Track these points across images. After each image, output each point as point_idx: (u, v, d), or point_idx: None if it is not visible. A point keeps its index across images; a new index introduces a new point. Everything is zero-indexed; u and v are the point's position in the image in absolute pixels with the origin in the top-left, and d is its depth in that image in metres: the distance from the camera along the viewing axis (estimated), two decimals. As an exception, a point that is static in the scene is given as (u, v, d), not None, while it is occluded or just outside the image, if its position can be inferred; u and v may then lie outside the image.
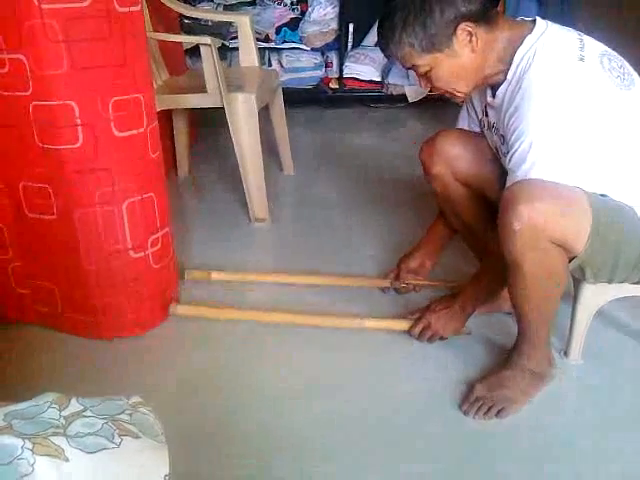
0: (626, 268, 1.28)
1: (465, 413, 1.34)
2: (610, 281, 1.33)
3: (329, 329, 1.63)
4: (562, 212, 1.18)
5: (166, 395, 1.41)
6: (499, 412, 1.33)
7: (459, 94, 1.36)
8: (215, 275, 1.84)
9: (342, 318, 1.64)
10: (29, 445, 0.60)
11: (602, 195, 1.24)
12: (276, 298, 1.79)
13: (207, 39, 2.06)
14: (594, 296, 1.40)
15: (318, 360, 1.54)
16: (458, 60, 1.29)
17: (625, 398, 1.40)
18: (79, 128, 1.38)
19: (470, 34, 1.26)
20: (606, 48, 1.28)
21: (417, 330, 1.53)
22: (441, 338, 1.53)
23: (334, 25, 3.75)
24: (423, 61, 1.30)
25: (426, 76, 1.34)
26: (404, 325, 1.58)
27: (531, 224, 1.16)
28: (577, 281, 1.40)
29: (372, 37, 3.75)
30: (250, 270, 1.94)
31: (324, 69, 3.87)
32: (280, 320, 1.65)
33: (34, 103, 1.35)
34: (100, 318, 1.58)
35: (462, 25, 1.25)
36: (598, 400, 1.40)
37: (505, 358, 1.43)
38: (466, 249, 1.73)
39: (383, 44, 1.33)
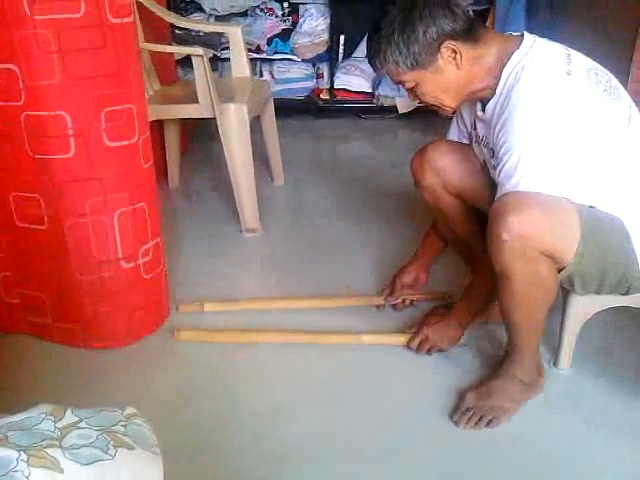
0: (614, 279, 1.29)
1: (456, 423, 1.34)
2: (598, 292, 1.34)
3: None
4: (551, 223, 1.20)
5: (158, 405, 1.40)
6: (489, 422, 1.34)
7: (446, 108, 1.39)
8: (208, 306, 1.78)
9: (340, 335, 1.64)
10: (24, 457, 0.59)
11: (590, 207, 1.25)
12: (271, 319, 1.76)
13: (199, 50, 2.07)
14: (583, 306, 1.42)
15: (314, 369, 1.55)
16: (443, 77, 1.31)
17: (614, 407, 1.41)
18: (71, 138, 1.38)
19: (454, 52, 1.28)
20: (593, 62, 1.30)
21: (415, 343, 1.54)
22: (439, 350, 1.54)
23: (325, 36, 3.78)
24: (408, 77, 1.33)
25: (413, 91, 1.37)
26: (402, 339, 1.58)
27: (520, 235, 1.17)
28: (566, 292, 1.41)
29: (363, 48, 3.77)
30: (242, 283, 1.94)
31: (315, 80, 3.90)
32: (280, 340, 1.64)
33: (26, 113, 1.35)
34: (91, 328, 1.58)
35: (446, 43, 1.27)
36: (587, 409, 1.41)
37: (495, 367, 1.44)
38: (460, 260, 1.74)
39: (370, 60, 1.36)
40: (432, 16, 1.26)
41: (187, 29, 3.32)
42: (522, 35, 1.30)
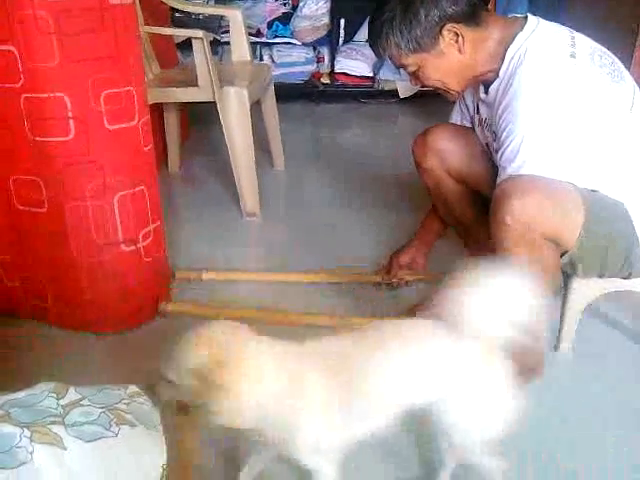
0: (616, 263, 1.29)
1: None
2: (600, 276, 1.34)
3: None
4: (554, 207, 1.19)
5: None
6: (490, 405, 1.34)
7: (452, 92, 1.38)
8: (206, 275, 1.81)
9: (328, 317, 1.63)
10: (27, 433, 0.60)
11: (593, 191, 1.25)
12: (267, 295, 1.77)
13: (199, 32, 2.05)
14: (584, 291, 1.42)
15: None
16: (445, 60, 1.31)
17: (614, 391, 1.42)
18: (71, 121, 1.37)
19: (456, 35, 1.27)
20: (597, 45, 1.29)
21: None
22: None
23: (326, 20, 3.76)
24: (410, 61, 1.33)
25: (415, 75, 1.36)
26: None
27: (523, 218, 1.17)
28: (568, 276, 1.41)
29: (364, 32, 3.75)
30: (242, 266, 1.93)
31: (315, 64, 3.88)
32: (268, 319, 1.63)
33: (25, 95, 1.34)
34: (90, 311, 1.58)
35: (448, 26, 1.26)
36: (586, 393, 1.41)
37: (496, 352, 1.44)
38: (458, 242, 1.74)
39: (372, 44, 1.36)
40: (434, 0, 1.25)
41: (187, 12, 3.29)
42: (526, 17, 1.29)
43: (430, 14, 1.25)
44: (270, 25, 3.78)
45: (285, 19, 3.79)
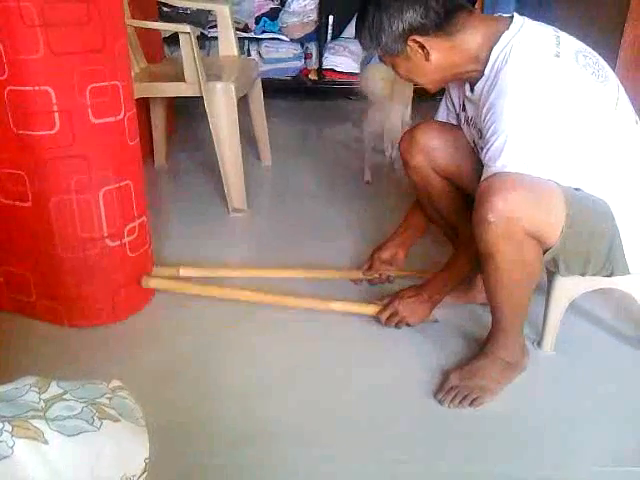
0: (598, 260, 1.30)
1: (440, 402, 1.36)
2: (583, 274, 1.35)
3: (306, 318, 1.63)
4: (537, 204, 1.20)
5: (142, 383, 1.40)
6: (473, 401, 1.35)
7: (427, 89, 1.42)
8: (184, 272, 1.77)
9: (309, 299, 1.65)
10: (8, 427, 0.59)
11: (576, 189, 1.26)
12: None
13: (186, 27, 2.05)
14: (567, 288, 1.43)
15: (296, 348, 1.55)
16: (413, 65, 1.34)
17: (595, 388, 1.43)
18: (56, 114, 1.36)
19: (422, 46, 1.28)
20: (582, 45, 1.30)
21: (385, 316, 1.55)
22: (408, 324, 1.55)
23: (314, 16, 3.75)
24: (385, 59, 1.37)
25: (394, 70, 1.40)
26: (372, 309, 1.59)
27: (506, 215, 1.18)
28: (551, 273, 1.42)
29: (352, 29, 3.74)
30: (226, 262, 1.93)
31: (303, 60, 3.88)
32: (247, 298, 1.66)
33: (9, 88, 1.33)
34: (75, 306, 1.57)
35: (412, 37, 1.28)
36: (569, 390, 1.43)
37: (480, 348, 1.45)
38: (441, 240, 1.75)
39: (356, 38, 1.39)
40: (400, 10, 1.26)
41: (174, 6, 3.27)
42: (512, 17, 1.30)
43: (394, 25, 1.27)
44: (258, 20, 3.77)
45: (273, 15, 3.78)
